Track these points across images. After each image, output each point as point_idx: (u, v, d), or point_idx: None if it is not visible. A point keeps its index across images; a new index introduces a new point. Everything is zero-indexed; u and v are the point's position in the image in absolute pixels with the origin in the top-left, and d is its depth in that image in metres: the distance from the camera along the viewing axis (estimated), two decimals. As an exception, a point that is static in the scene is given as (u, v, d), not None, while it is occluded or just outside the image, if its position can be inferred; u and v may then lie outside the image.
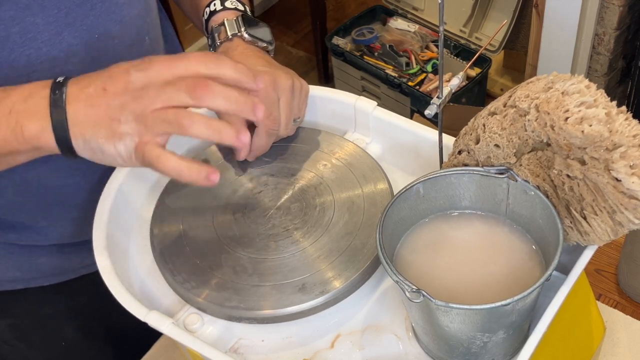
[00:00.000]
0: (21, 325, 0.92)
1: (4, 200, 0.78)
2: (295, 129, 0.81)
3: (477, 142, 0.66)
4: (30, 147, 0.62)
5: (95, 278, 0.70)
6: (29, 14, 0.69)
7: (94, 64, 0.75)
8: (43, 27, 0.71)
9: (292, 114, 0.78)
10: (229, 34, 0.82)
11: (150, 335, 0.83)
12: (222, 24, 0.83)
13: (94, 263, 0.70)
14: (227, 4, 0.85)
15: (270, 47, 0.84)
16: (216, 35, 0.83)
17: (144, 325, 0.66)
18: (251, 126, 0.76)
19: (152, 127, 0.59)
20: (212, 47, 0.84)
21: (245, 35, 0.82)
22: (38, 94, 0.61)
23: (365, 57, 2.22)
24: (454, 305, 0.57)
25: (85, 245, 0.76)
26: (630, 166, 0.57)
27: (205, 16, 0.86)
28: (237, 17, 0.83)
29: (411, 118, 1.51)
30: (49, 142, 0.61)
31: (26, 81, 0.70)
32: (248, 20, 0.83)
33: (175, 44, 0.94)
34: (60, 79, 0.61)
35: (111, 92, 0.59)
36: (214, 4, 0.85)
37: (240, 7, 0.85)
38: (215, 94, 0.59)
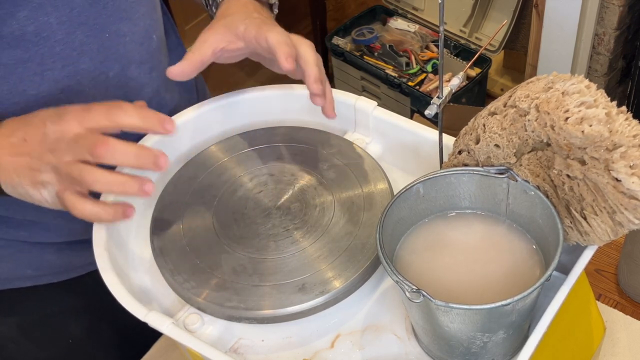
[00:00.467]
0: (27, 324, 0.92)
1: (16, 198, 0.78)
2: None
3: (477, 142, 0.66)
4: None
5: (100, 276, 0.70)
6: (42, 13, 0.70)
7: (106, 62, 0.76)
8: (56, 26, 0.72)
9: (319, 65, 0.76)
10: None
11: (157, 334, 0.83)
12: None
13: None
14: None
15: (273, 1, 0.83)
16: None
17: (147, 324, 0.66)
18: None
19: (65, 179, 0.64)
20: (214, 5, 0.83)
21: None
22: None
23: (365, 57, 2.22)
24: (454, 305, 0.57)
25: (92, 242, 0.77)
26: (630, 166, 0.57)
27: None
28: None
29: (411, 118, 1.51)
30: None
31: (40, 80, 0.72)
32: None
33: (177, 41, 0.94)
34: None
35: (30, 143, 0.64)
36: None
37: None
38: (113, 152, 0.63)
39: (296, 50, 0.74)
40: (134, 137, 0.71)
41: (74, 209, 0.65)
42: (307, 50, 0.74)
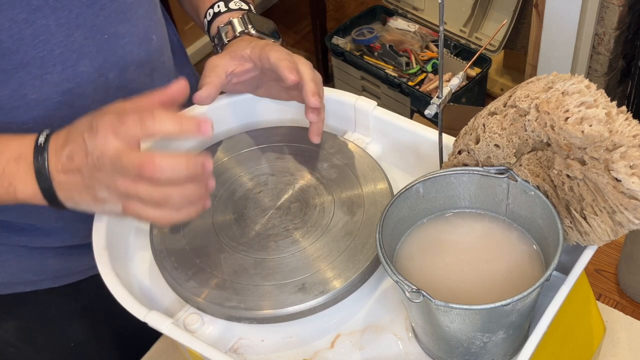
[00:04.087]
0: (28, 327, 0.92)
1: (18, 205, 0.79)
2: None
3: (477, 142, 0.66)
4: (23, 203, 0.67)
5: (101, 279, 0.70)
6: (41, 16, 0.70)
7: (105, 64, 0.76)
8: (55, 28, 0.71)
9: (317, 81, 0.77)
10: (236, 32, 0.83)
11: (157, 334, 0.83)
12: (229, 23, 0.84)
13: None
14: (231, 5, 0.85)
15: (277, 41, 0.84)
16: (223, 34, 0.84)
17: (148, 325, 0.66)
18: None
19: (122, 196, 0.62)
20: (220, 45, 0.84)
21: (253, 32, 0.83)
22: (25, 159, 0.64)
23: (365, 57, 2.22)
24: (454, 305, 0.57)
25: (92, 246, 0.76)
26: (630, 166, 0.57)
27: (209, 17, 0.86)
28: (243, 15, 0.84)
29: (411, 118, 1.51)
30: (41, 202, 0.66)
31: (40, 84, 0.72)
32: (254, 18, 0.84)
33: (177, 41, 0.94)
34: (41, 140, 0.65)
35: (77, 161, 0.63)
36: (218, 6, 0.86)
37: (244, 7, 0.86)
38: (162, 170, 0.60)
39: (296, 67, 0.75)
40: None
41: (141, 218, 0.64)
42: (305, 67, 0.76)
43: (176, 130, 0.61)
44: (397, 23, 2.29)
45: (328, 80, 2.48)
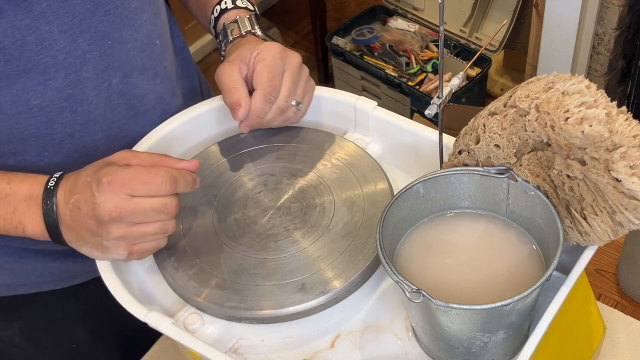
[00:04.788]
0: (31, 329, 0.92)
1: None
2: (296, 116, 0.81)
3: (477, 142, 0.66)
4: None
5: (103, 282, 0.70)
6: (44, 22, 0.70)
7: (108, 69, 0.76)
8: (58, 34, 0.71)
9: (294, 90, 0.79)
10: (242, 31, 0.83)
11: (157, 334, 0.83)
12: (235, 21, 0.84)
13: None
14: (239, 3, 0.86)
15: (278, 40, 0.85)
16: (229, 31, 0.84)
17: (148, 326, 0.66)
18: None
19: (128, 243, 0.67)
20: (224, 42, 0.85)
21: (259, 33, 0.83)
22: (35, 201, 0.68)
23: (365, 57, 2.22)
24: (454, 305, 0.57)
25: None
26: (630, 166, 0.57)
27: (215, 14, 0.86)
28: (249, 16, 0.84)
29: (411, 118, 1.51)
30: (48, 239, 0.69)
31: (42, 89, 0.72)
32: (259, 21, 0.85)
33: (181, 44, 0.94)
34: (51, 183, 0.68)
35: (84, 212, 0.66)
36: (225, 2, 0.86)
37: (251, 7, 0.86)
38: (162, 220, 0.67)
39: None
40: None
41: (144, 255, 0.69)
42: (263, 84, 0.77)
43: (176, 190, 0.67)
44: (397, 23, 2.29)
45: (328, 80, 2.48)
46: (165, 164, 0.69)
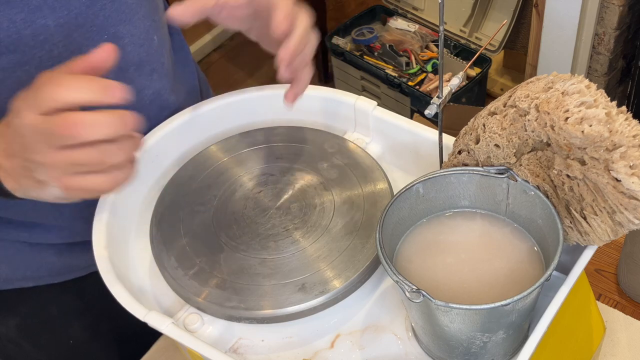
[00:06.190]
0: (28, 325, 0.92)
1: (16, 201, 0.79)
2: (304, 75, 0.78)
3: (477, 142, 0.66)
4: None
5: (101, 277, 0.70)
6: (40, 16, 0.69)
7: None
8: (54, 29, 0.71)
9: (305, 41, 0.75)
10: None
11: (157, 334, 0.83)
12: None
13: None
14: None
15: None
16: None
17: (148, 325, 0.66)
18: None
19: (57, 169, 0.59)
20: None
21: None
22: None
23: (365, 57, 2.22)
24: (454, 305, 0.57)
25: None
26: (630, 166, 0.57)
27: None
28: None
29: (411, 118, 1.51)
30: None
31: None
32: None
33: (181, 41, 0.94)
34: None
35: (11, 144, 0.61)
36: None
37: None
38: (85, 124, 0.57)
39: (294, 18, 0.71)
40: None
41: (87, 192, 0.61)
42: (301, 23, 0.73)
43: (88, 97, 0.58)
44: (397, 23, 2.29)
45: (328, 80, 2.48)
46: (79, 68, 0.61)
